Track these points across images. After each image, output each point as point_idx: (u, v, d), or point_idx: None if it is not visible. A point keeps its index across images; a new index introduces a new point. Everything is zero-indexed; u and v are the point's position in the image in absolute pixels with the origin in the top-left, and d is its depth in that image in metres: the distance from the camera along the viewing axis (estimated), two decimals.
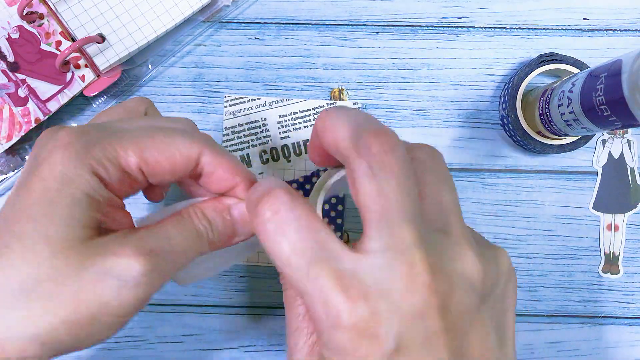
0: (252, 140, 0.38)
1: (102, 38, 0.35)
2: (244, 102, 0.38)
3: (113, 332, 0.20)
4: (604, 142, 0.39)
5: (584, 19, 0.39)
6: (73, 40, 0.36)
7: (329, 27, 0.38)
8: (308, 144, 0.22)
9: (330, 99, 0.38)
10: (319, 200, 0.21)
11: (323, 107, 0.38)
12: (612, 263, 0.38)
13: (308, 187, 0.37)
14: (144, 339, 0.37)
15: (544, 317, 0.38)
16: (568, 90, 0.31)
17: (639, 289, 0.38)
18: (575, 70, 0.36)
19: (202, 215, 0.23)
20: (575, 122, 0.31)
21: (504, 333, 0.20)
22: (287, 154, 0.38)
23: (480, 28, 0.39)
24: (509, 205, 0.38)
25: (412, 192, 0.18)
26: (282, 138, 0.38)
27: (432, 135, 0.38)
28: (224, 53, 0.38)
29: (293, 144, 0.38)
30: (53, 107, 0.35)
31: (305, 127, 0.38)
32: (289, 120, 0.38)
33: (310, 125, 0.38)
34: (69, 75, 0.35)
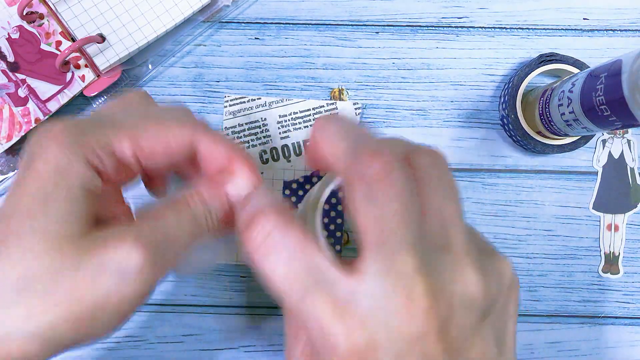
0: (252, 140, 0.38)
1: (102, 38, 0.35)
2: (244, 102, 0.38)
3: (114, 327, 0.20)
4: (604, 142, 0.39)
5: (584, 19, 0.39)
6: (73, 40, 0.36)
7: (329, 27, 0.38)
8: (305, 149, 0.21)
9: (330, 99, 0.38)
10: (317, 219, 0.21)
11: (323, 107, 0.38)
12: (612, 263, 0.38)
13: (308, 187, 0.37)
14: (144, 339, 0.37)
15: (544, 317, 0.38)
16: (568, 90, 0.31)
17: (639, 289, 0.38)
18: (575, 70, 0.36)
19: (199, 201, 0.22)
20: (575, 122, 0.31)
21: (504, 343, 0.19)
22: (287, 154, 0.38)
23: (480, 28, 0.39)
24: (509, 205, 0.38)
25: (412, 213, 0.17)
26: (282, 138, 0.38)
27: (432, 135, 0.38)
28: (224, 53, 0.38)
29: (293, 144, 0.38)
30: (53, 107, 0.35)
31: (305, 127, 0.38)
32: (289, 120, 0.38)
33: (311, 125, 0.38)
34: (69, 75, 0.35)
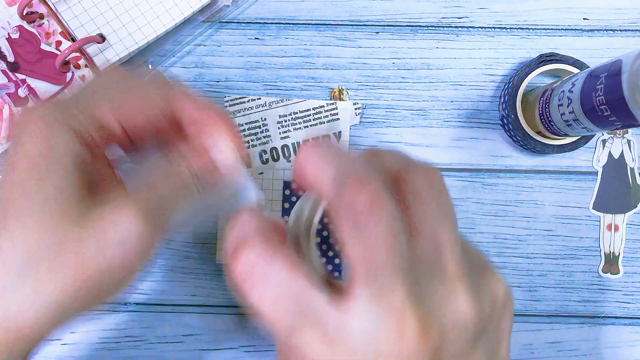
0: (252, 140, 0.38)
1: (102, 38, 0.35)
2: (244, 102, 0.38)
3: (119, 292, 0.22)
4: (604, 142, 0.39)
5: (584, 19, 0.39)
6: (73, 40, 0.36)
7: (329, 27, 0.38)
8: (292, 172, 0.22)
9: (330, 99, 0.38)
10: (312, 242, 0.20)
11: (323, 107, 0.38)
12: (612, 263, 0.38)
13: None
14: (144, 339, 0.37)
15: (544, 317, 0.38)
16: (568, 90, 0.31)
17: (639, 289, 0.38)
18: (575, 70, 0.36)
19: (187, 168, 0.24)
20: (575, 122, 0.31)
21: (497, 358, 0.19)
22: (287, 154, 0.38)
23: (480, 28, 0.39)
24: (509, 205, 0.38)
25: (401, 242, 0.17)
26: (282, 138, 0.38)
27: (432, 135, 0.38)
28: (224, 53, 0.38)
29: (293, 144, 0.38)
30: None
31: (305, 127, 0.38)
32: (289, 120, 0.38)
33: (311, 125, 0.38)
34: (69, 75, 0.35)
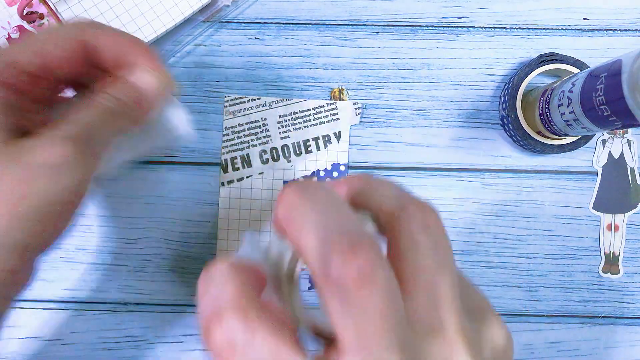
0: (252, 140, 0.38)
1: None
2: (244, 102, 0.38)
3: (66, 221, 0.23)
4: (604, 142, 0.39)
5: (584, 19, 0.39)
6: None
7: (329, 27, 0.38)
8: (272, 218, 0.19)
9: (330, 99, 0.38)
10: (295, 290, 0.18)
11: (323, 107, 0.38)
12: (612, 263, 0.38)
13: None
14: (144, 339, 0.37)
15: (544, 317, 0.38)
16: (568, 90, 0.31)
17: (639, 289, 0.38)
18: (575, 70, 0.36)
19: (106, 93, 0.24)
20: (575, 122, 0.31)
21: None
22: (287, 154, 0.38)
23: (480, 28, 0.39)
24: (509, 205, 0.38)
25: (397, 309, 0.16)
26: (282, 138, 0.38)
27: (432, 135, 0.38)
28: (224, 53, 0.38)
29: (293, 144, 0.38)
30: None
31: (305, 127, 0.38)
32: (289, 120, 0.38)
33: (311, 125, 0.38)
34: None
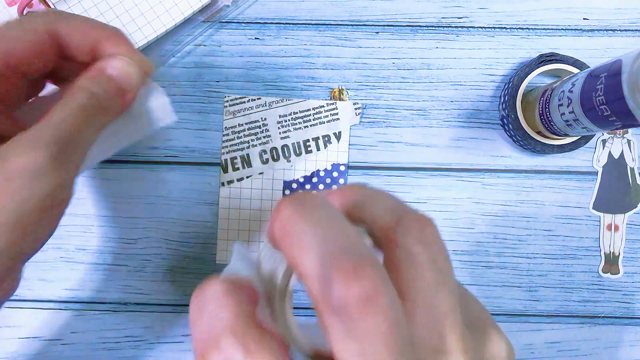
0: (252, 140, 0.38)
1: None
2: (244, 102, 0.38)
3: (47, 227, 0.22)
4: (604, 142, 0.39)
5: (584, 19, 0.39)
6: None
7: (329, 27, 0.38)
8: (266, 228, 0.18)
9: (330, 99, 0.38)
10: (287, 310, 0.18)
11: (323, 107, 0.38)
12: (612, 263, 0.38)
13: (308, 187, 0.37)
14: (144, 339, 0.37)
15: (544, 317, 0.38)
16: (568, 90, 0.31)
17: (639, 289, 0.38)
18: (575, 70, 0.36)
19: (80, 88, 0.23)
20: (575, 122, 0.31)
21: None
22: (287, 154, 0.38)
23: (480, 28, 0.39)
24: (509, 205, 0.38)
25: (401, 330, 0.15)
26: (282, 138, 0.38)
27: (432, 135, 0.38)
28: (224, 53, 0.38)
29: (293, 144, 0.38)
30: None
31: (305, 127, 0.38)
32: (289, 120, 0.38)
33: (311, 125, 0.38)
34: None
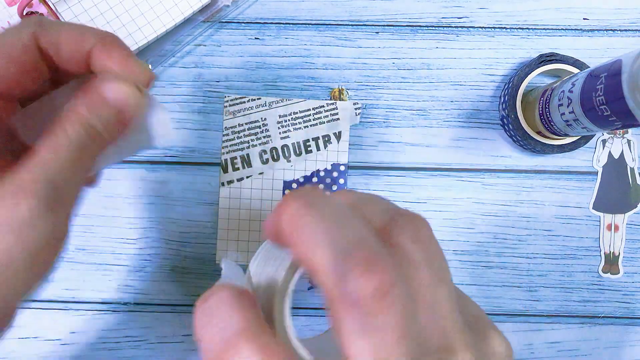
0: (252, 140, 0.38)
1: None
2: (244, 102, 0.38)
3: (40, 275, 0.20)
4: (604, 142, 0.39)
5: (584, 19, 0.39)
6: None
7: (329, 27, 0.38)
8: (265, 221, 0.18)
9: (330, 99, 0.38)
10: (286, 311, 0.18)
11: (323, 107, 0.38)
12: (612, 263, 0.38)
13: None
14: (144, 339, 0.37)
15: (544, 317, 0.38)
16: (568, 90, 0.31)
17: (639, 289, 0.38)
18: (575, 70, 0.36)
19: (74, 118, 0.20)
20: (575, 122, 0.31)
21: None
22: (287, 154, 0.38)
23: (480, 28, 0.39)
24: (509, 205, 0.38)
25: (414, 332, 0.15)
26: (282, 138, 0.38)
27: (432, 135, 0.38)
28: (224, 53, 0.38)
29: (293, 144, 0.38)
30: None
31: (305, 127, 0.38)
32: (289, 120, 0.38)
33: (311, 125, 0.38)
34: None
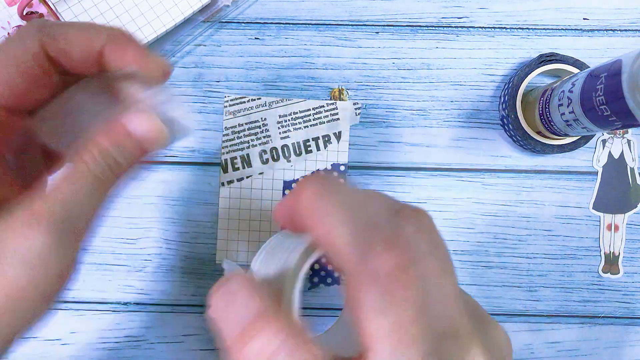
0: (252, 140, 0.38)
1: None
2: (244, 102, 0.38)
3: (45, 308, 0.20)
4: (604, 142, 0.39)
5: (584, 19, 0.39)
6: None
7: (329, 27, 0.38)
8: (276, 206, 0.18)
9: (330, 99, 0.38)
10: (296, 293, 0.19)
11: (323, 107, 0.38)
12: (612, 263, 0.38)
13: None
14: (144, 339, 0.37)
15: (544, 317, 0.38)
16: (568, 90, 0.31)
17: (639, 289, 0.38)
18: (575, 70, 0.36)
19: (97, 153, 0.20)
20: (575, 122, 0.31)
21: None
22: (287, 154, 0.38)
23: (480, 28, 0.39)
24: (509, 205, 0.38)
25: (430, 310, 0.16)
26: (282, 138, 0.38)
27: (432, 135, 0.38)
28: (224, 53, 0.38)
29: (293, 144, 0.38)
30: None
31: (306, 127, 0.38)
32: (289, 120, 0.38)
33: (311, 125, 0.38)
34: None
